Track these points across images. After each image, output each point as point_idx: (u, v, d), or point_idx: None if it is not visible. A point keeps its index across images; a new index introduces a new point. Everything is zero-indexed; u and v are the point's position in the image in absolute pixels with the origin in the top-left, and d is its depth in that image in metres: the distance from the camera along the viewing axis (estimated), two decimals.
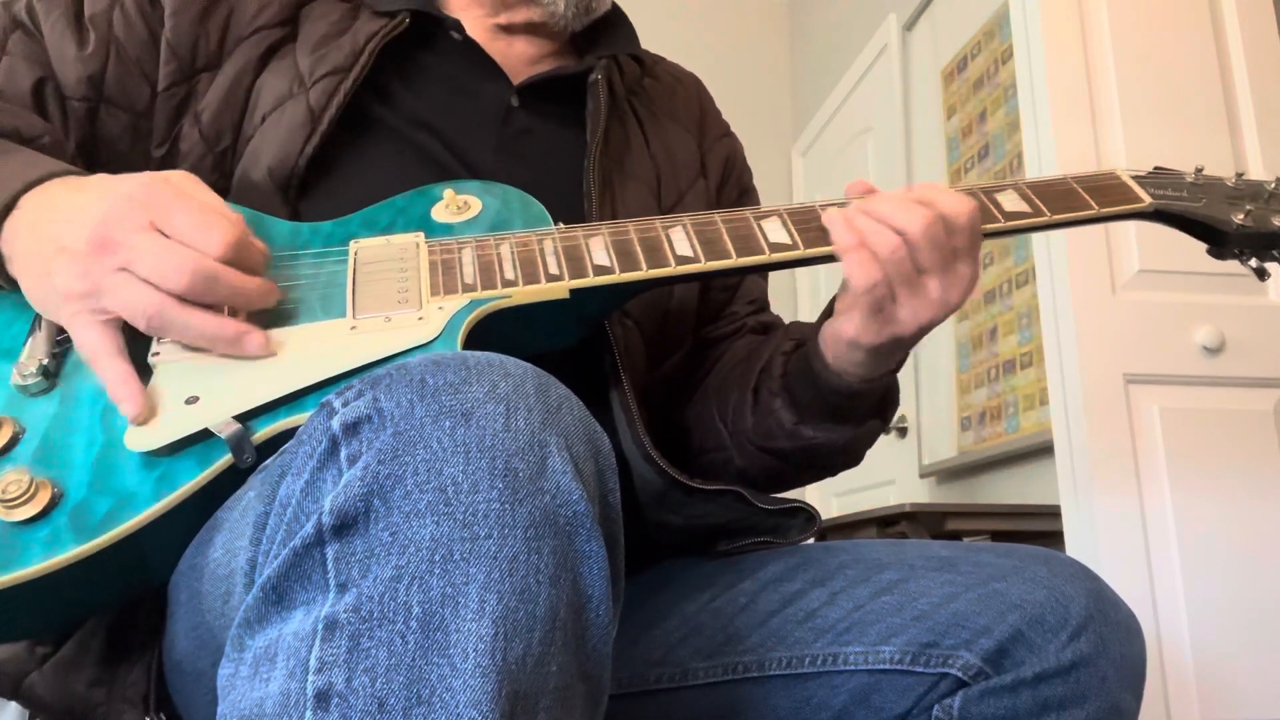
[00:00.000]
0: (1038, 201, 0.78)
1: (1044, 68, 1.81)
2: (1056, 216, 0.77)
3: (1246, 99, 1.86)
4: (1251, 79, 1.87)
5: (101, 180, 0.64)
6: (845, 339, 0.74)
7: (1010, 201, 0.77)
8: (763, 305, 0.98)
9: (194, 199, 0.62)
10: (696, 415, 0.90)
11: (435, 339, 0.64)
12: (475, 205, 0.76)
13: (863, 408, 0.80)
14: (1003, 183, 0.79)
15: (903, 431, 3.05)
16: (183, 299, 0.59)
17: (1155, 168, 0.85)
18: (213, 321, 0.61)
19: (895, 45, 3.20)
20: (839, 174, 3.60)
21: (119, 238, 0.59)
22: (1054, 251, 1.77)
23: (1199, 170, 0.84)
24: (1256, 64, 1.88)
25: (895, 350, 0.75)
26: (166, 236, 0.60)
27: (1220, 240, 0.83)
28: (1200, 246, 0.86)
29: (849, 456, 0.85)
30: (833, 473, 0.87)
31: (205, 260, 0.59)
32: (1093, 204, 0.79)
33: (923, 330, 0.72)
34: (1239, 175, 0.84)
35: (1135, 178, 0.82)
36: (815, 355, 0.78)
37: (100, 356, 0.59)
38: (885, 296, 0.71)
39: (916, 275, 0.70)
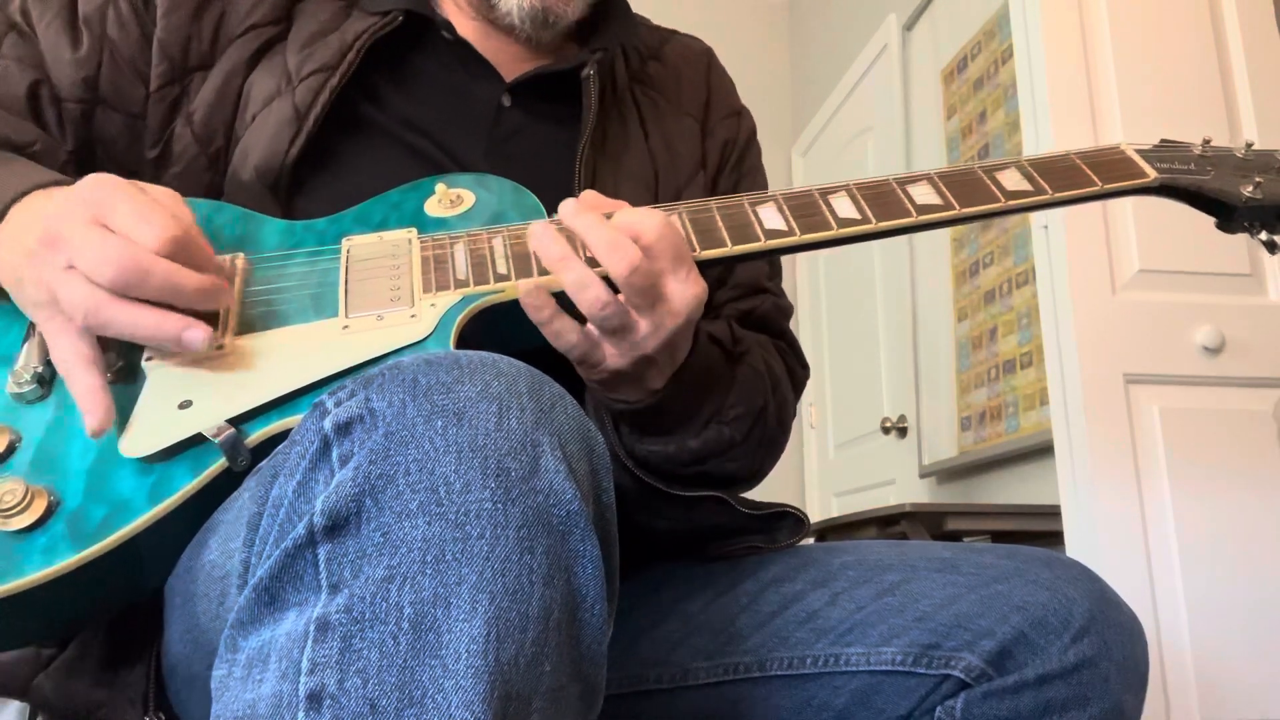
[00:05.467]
0: (1040, 179, 0.76)
1: (1044, 68, 1.81)
2: (1059, 194, 0.75)
3: (1246, 99, 1.86)
4: (1251, 79, 1.87)
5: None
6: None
7: (1011, 180, 0.76)
8: (750, 290, 0.92)
9: (142, 193, 0.60)
10: None
11: (428, 336, 0.64)
12: (468, 199, 0.75)
13: (665, 421, 0.75)
14: (1004, 160, 0.77)
15: (903, 431, 3.05)
16: (123, 294, 0.57)
17: (1161, 140, 0.82)
18: (150, 315, 0.58)
19: (895, 45, 3.20)
20: (839, 174, 3.60)
21: (64, 233, 0.58)
22: (1054, 251, 1.77)
23: (1206, 141, 0.81)
24: (1256, 64, 1.88)
25: (627, 380, 0.70)
26: (112, 231, 0.58)
27: (1228, 214, 0.80)
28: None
29: (716, 463, 0.78)
30: (728, 488, 0.80)
31: (137, 251, 0.57)
32: (1096, 180, 0.76)
33: (640, 363, 0.68)
34: (1249, 145, 0.81)
35: (1140, 151, 0.80)
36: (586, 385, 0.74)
37: (71, 367, 0.59)
38: (589, 350, 0.67)
39: (627, 318, 0.66)
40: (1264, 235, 0.80)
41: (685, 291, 0.66)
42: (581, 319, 0.67)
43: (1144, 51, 1.84)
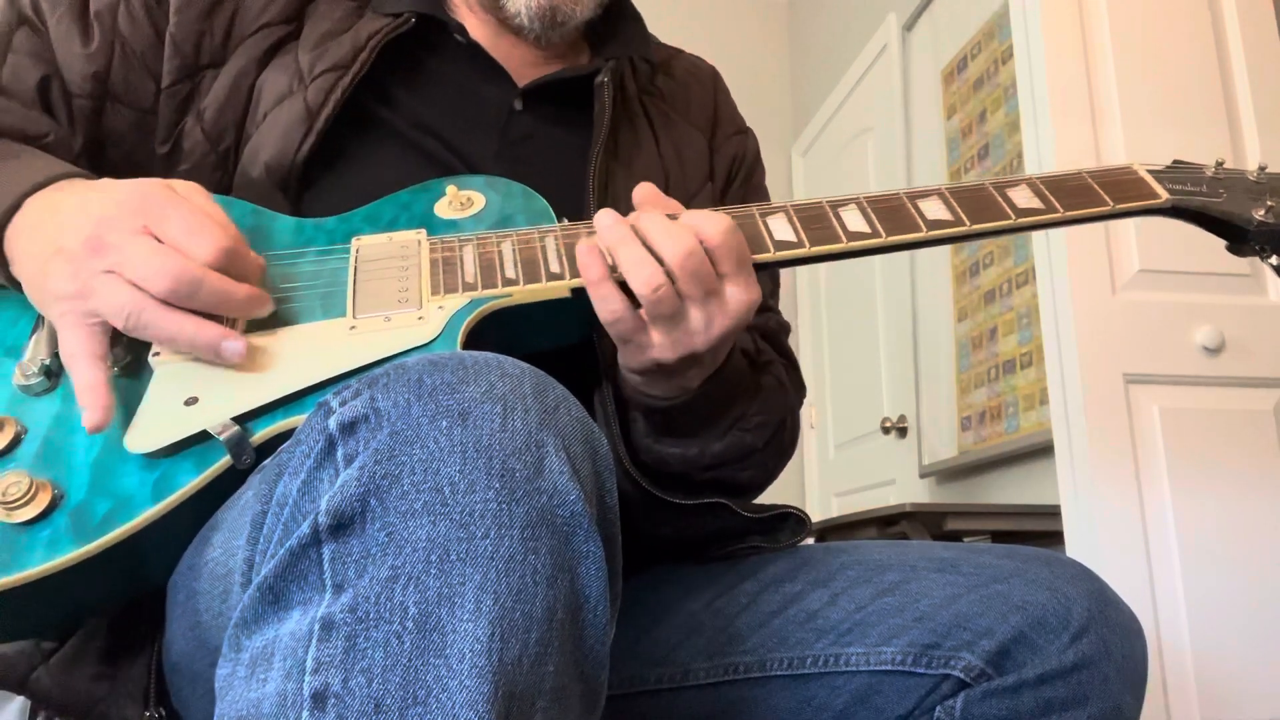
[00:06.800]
0: (1051, 198, 0.75)
1: (1044, 68, 1.81)
2: (1070, 214, 0.75)
3: (1246, 99, 1.86)
4: (1251, 79, 1.87)
5: (105, 183, 0.64)
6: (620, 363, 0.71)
7: (1023, 197, 0.75)
8: (759, 307, 0.94)
9: (190, 204, 0.62)
10: None
11: (435, 339, 0.64)
12: (479, 201, 0.75)
13: (690, 422, 0.75)
14: (1016, 177, 0.77)
15: (903, 431, 3.05)
16: (166, 302, 0.59)
17: (1174, 160, 0.82)
18: (190, 324, 0.60)
19: (895, 45, 3.20)
20: (839, 174, 3.60)
21: (111, 240, 0.59)
22: (1054, 251, 1.77)
23: (1220, 164, 0.81)
24: (1256, 64, 1.88)
25: (667, 375, 0.70)
26: (160, 241, 0.60)
27: (1239, 237, 0.79)
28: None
29: (732, 469, 0.79)
30: (740, 495, 0.81)
31: (191, 265, 0.59)
32: (1108, 200, 0.76)
33: (686, 360, 0.68)
34: (1262, 169, 0.81)
35: (1152, 172, 0.79)
36: (620, 376, 0.75)
37: (76, 359, 0.59)
38: (633, 329, 0.67)
39: (678, 304, 0.66)
40: (1275, 260, 0.79)
41: (741, 295, 0.67)
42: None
43: (1144, 51, 1.84)
